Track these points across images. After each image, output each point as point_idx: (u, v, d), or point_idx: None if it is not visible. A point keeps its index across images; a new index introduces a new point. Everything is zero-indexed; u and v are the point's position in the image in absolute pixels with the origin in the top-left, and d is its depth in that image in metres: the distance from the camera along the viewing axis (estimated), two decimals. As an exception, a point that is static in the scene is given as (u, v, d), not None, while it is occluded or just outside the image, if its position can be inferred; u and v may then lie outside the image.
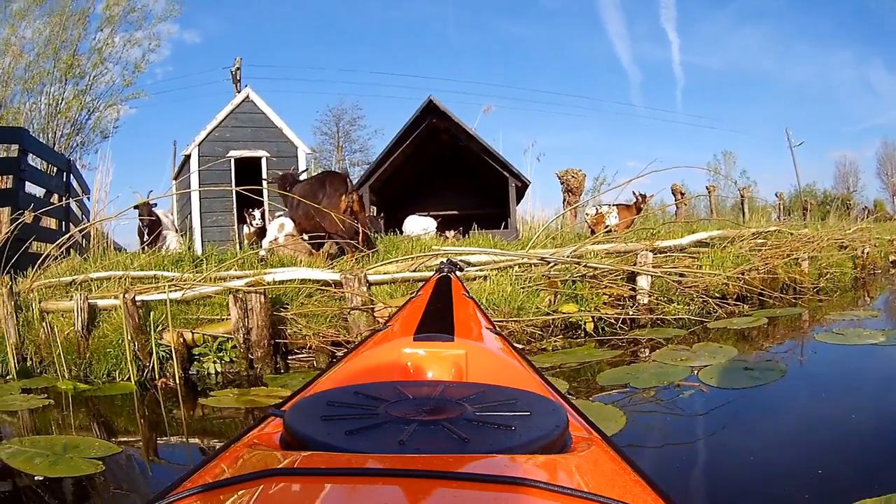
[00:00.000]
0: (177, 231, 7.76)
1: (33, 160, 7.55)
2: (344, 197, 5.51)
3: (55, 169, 8.36)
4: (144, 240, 7.10)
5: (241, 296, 3.92)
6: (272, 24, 41.01)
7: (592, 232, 7.63)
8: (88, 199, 9.27)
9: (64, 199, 7.80)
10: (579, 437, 0.76)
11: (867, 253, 6.93)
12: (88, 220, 9.06)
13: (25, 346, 4.25)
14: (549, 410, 0.74)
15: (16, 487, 2.27)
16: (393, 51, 42.90)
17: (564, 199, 10.56)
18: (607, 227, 7.36)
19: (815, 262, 6.17)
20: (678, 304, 4.77)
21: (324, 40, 43.12)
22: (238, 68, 12.96)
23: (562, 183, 10.69)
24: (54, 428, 3.14)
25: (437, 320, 1.24)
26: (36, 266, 5.00)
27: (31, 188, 7.03)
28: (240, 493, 0.54)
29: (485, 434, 0.66)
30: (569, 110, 47.90)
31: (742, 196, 12.33)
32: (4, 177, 7.33)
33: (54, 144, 12.52)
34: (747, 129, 44.71)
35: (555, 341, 4.21)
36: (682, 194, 11.24)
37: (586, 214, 8.59)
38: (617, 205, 8.35)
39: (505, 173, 10.11)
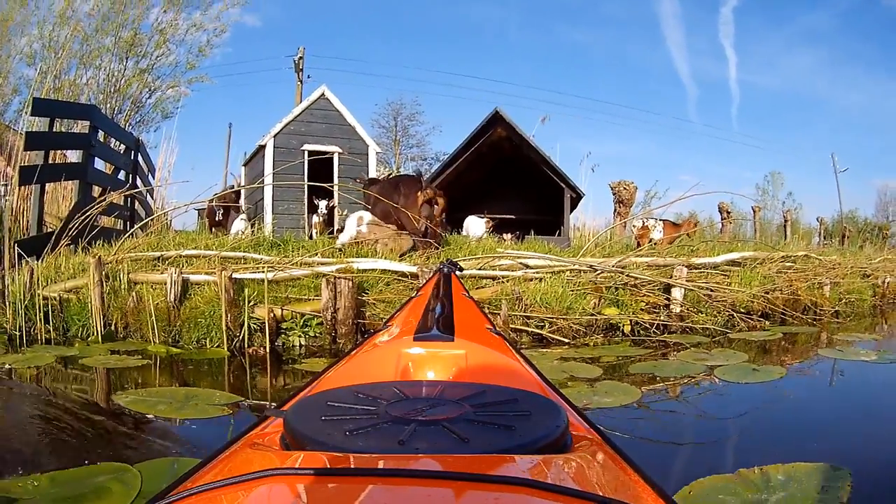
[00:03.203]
0: (245, 215, 8.43)
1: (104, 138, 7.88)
2: (420, 193, 6.25)
3: (123, 147, 8.83)
4: (217, 220, 8.10)
5: (332, 280, 4.68)
6: (332, 13, 42.03)
7: (638, 244, 8.44)
8: (153, 177, 10.13)
9: (131, 176, 8.50)
10: (579, 436, 0.80)
11: (888, 283, 7.64)
12: (153, 199, 10.14)
13: (110, 312, 4.83)
14: (549, 410, 0.77)
15: (148, 428, 2.78)
16: (451, 49, 43.92)
17: (615, 210, 11.15)
18: (651, 240, 8.20)
19: (836, 288, 6.90)
20: (706, 315, 5.66)
21: (381, 34, 45.00)
22: (301, 58, 14.13)
23: (614, 194, 11.25)
24: (160, 383, 3.66)
25: (438, 320, 1.27)
26: (122, 240, 5.74)
27: (99, 164, 7.49)
28: (240, 493, 0.57)
29: (485, 434, 0.70)
30: (624, 121, 47.95)
31: (785, 218, 13.07)
32: (75, 151, 7.62)
33: (113, 120, 12.42)
34: (796, 151, 45.13)
35: (596, 339, 5.16)
36: (729, 213, 11.80)
37: (633, 226, 9.34)
38: (663, 220, 9.12)
39: (561, 184, 10.89)
